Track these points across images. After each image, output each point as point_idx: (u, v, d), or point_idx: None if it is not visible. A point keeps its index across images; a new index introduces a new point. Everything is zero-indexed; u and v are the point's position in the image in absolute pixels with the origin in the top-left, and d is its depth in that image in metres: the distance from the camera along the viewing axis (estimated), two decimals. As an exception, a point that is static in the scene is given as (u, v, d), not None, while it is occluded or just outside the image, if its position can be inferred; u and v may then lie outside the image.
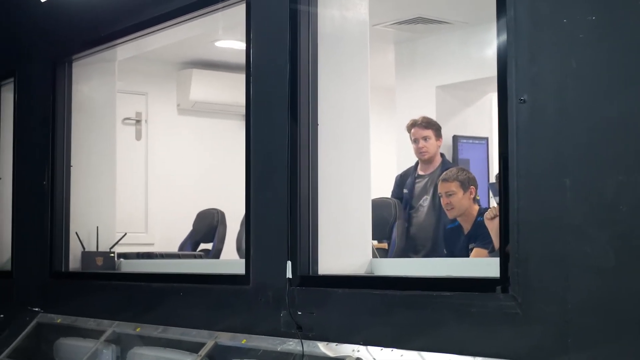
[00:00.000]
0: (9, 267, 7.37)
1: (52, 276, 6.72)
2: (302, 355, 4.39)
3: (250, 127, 5.01)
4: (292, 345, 4.51)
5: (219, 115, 10.28)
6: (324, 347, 4.38)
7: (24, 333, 6.65)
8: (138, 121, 9.93)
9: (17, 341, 6.61)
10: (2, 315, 7.10)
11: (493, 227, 5.47)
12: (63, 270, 6.67)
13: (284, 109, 4.74)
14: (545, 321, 3.44)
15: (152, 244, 9.54)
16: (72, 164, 6.77)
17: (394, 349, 4.02)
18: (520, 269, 3.51)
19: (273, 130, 4.86)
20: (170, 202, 9.82)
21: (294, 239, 4.63)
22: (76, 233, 6.67)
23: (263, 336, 4.73)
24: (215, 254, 8.48)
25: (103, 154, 6.94)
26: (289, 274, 4.60)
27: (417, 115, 7.21)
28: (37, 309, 6.76)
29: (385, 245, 6.93)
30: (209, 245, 8.67)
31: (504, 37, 3.65)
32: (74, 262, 6.68)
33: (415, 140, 6.98)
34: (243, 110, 5.11)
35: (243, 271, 4.95)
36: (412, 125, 7.01)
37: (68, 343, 6.22)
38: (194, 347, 5.12)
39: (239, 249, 7.84)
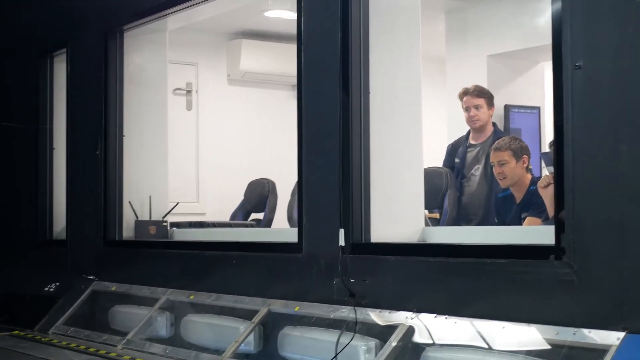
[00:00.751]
0: (63, 236, 7.48)
1: (107, 245, 6.80)
2: (356, 322, 4.40)
3: (301, 96, 5.01)
4: (345, 312, 4.53)
5: (268, 86, 10.29)
6: (376, 315, 4.39)
7: (79, 300, 6.75)
8: (189, 91, 9.98)
9: (73, 308, 6.72)
10: (57, 283, 7.21)
11: (547, 195, 5.43)
12: (117, 239, 6.76)
13: (335, 78, 4.73)
14: (601, 288, 3.42)
15: (204, 214, 9.60)
16: (124, 133, 6.83)
17: (448, 317, 4.03)
18: (576, 235, 3.49)
19: (324, 99, 4.86)
20: (221, 172, 9.87)
21: (347, 207, 4.64)
22: (129, 202, 6.74)
23: (316, 303, 4.76)
24: (267, 223, 8.52)
25: (154, 124, 7.00)
26: (342, 242, 4.61)
27: (468, 84, 7.15)
28: (91, 277, 6.85)
29: (437, 215, 6.91)
30: (260, 215, 8.71)
31: (558, 2, 3.61)
32: (128, 230, 6.76)
33: (467, 109, 6.92)
34: (293, 81, 5.11)
35: (296, 239, 4.98)
36: (464, 93, 6.95)
37: (123, 310, 6.31)
38: (247, 315, 5.16)
39: (289, 219, 7.87)
